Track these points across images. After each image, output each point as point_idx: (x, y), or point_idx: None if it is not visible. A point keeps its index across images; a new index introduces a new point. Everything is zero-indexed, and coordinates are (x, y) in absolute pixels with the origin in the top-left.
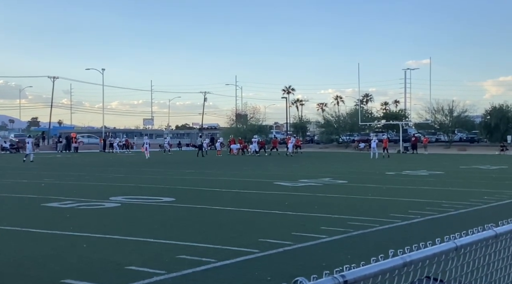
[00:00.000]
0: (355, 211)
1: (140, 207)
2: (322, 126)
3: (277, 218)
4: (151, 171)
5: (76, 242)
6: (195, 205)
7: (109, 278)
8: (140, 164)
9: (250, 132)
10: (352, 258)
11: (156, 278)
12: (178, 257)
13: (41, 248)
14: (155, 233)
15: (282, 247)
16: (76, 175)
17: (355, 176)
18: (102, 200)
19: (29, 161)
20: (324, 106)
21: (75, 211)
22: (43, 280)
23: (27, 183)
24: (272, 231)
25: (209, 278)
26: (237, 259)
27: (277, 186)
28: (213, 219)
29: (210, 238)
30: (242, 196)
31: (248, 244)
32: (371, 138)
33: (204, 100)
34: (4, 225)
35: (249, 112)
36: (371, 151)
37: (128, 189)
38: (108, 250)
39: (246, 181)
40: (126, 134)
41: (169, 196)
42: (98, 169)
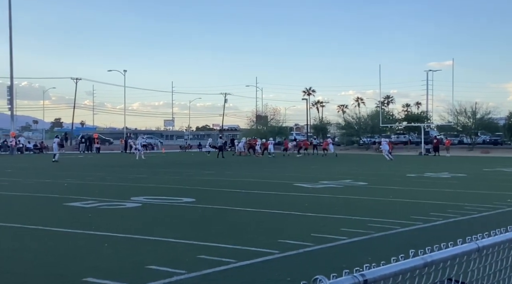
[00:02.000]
0: (375, 213)
1: (161, 207)
2: (343, 127)
3: (297, 219)
4: (171, 172)
5: (98, 241)
6: (215, 205)
7: (130, 277)
8: (160, 165)
9: (270, 134)
10: (373, 259)
11: (176, 277)
12: (198, 257)
13: (64, 246)
14: (176, 233)
15: (302, 248)
16: (98, 176)
17: (375, 178)
18: (123, 200)
19: (52, 161)
20: (344, 108)
21: (97, 210)
22: (65, 278)
23: (50, 183)
24: (291, 232)
25: (228, 278)
26: (257, 260)
27: (297, 187)
28: (233, 220)
29: (230, 238)
30: (262, 197)
31: (267, 244)
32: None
33: (225, 102)
34: (28, 224)
35: (270, 114)
36: (384, 153)
37: (149, 190)
38: (129, 249)
39: (266, 182)
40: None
41: (189, 196)
42: (120, 170)
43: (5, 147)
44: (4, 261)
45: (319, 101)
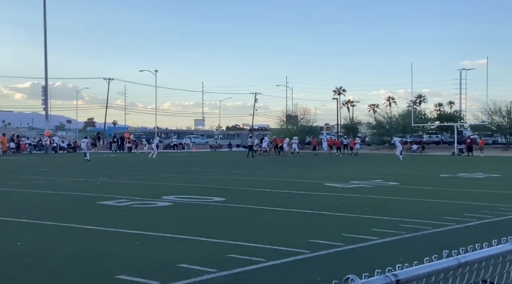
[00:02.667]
0: (407, 213)
1: (192, 207)
2: (374, 127)
3: (327, 219)
4: (202, 171)
5: (130, 240)
6: (245, 205)
7: (162, 275)
8: (191, 164)
9: (300, 133)
10: (404, 260)
11: (207, 276)
12: (229, 256)
13: (97, 244)
14: (206, 232)
15: (332, 248)
16: (130, 175)
17: (407, 178)
18: (155, 199)
19: (84, 160)
20: (375, 107)
21: (129, 209)
22: (98, 275)
23: (84, 182)
24: (322, 232)
25: (259, 278)
26: (287, 259)
27: (327, 187)
28: (263, 219)
29: (260, 238)
30: (292, 197)
31: (298, 244)
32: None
33: (255, 101)
34: (62, 222)
35: (300, 113)
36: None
37: (180, 189)
38: (161, 248)
39: (296, 182)
40: (178, 134)
41: (220, 196)
42: (151, 169)
43: (40, 146)
44: (39, 258)
45: (350, 100)
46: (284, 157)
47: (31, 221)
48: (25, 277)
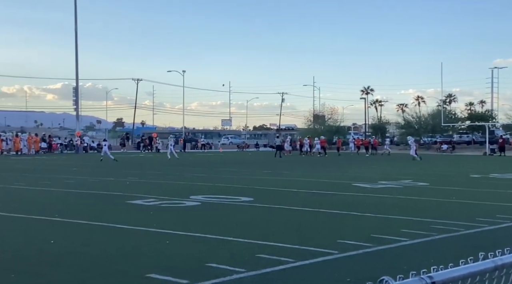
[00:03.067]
0: (437, 214)
1: (220, 206)
2: (402, 127)
3: (356, 219)
4: (229, 171)
5: (159, 239)
6: (273, 205)
7: (191, 274)
8: (218, 164)
9: (327, 133)
10: (435, 262)
11: (236, 275)
12: (257, 256)
13: (127, 243)
14: (235, 232)
15: (361, 248)
16: (158, 174)
17: (437, 178)
18: (183, 199)
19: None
20: (404, 107)
21: (157, 208)
22: (129, 274)
23: (113, 181)
24: (351, 233)
25: (288, 278)
26: (316, 260)
27: (355, 187)
28: (291, 219)
29: (288, 238)
30: (320, 197)
31: (326, 244)
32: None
33: (282, 101)
34: (93, 220)
35: (327, 113)
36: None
37: (208, 188)
38: (190, 247)
39: (324, 182)
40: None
41: (248, 195)
42: (179, 169)
43: (71, 146)
44: (71, 256)
45: (378, 100)
46: (310, 157)
47: (63, 220)
48: (58, 275)
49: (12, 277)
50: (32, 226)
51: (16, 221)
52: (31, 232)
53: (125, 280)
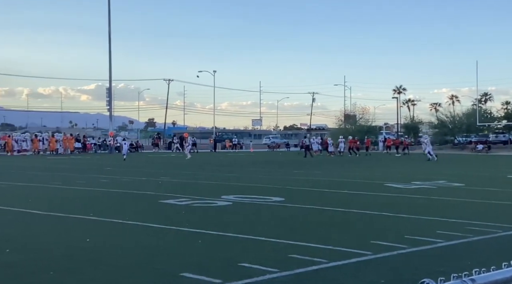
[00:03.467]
0: (474, 216)
1: (251, 206)
2: (436, 126)
3: (389, 220)
4: (260, 171)
5: (192, 238)
6: (304, 205)
7: (224, 274)
8: (249, 164)
9: (359, 133)
10: (473, 264)
11: (269, 276)
12: (290, 256)
13: (160, 242)
14: (266, 232)
15: (395, 250)
16: (189, 174)
17: (472, 179)
18: (215, 198)
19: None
20: (437, 106)
21: (189, 208)
22: (163, 273)
23: (146, 181)
24: (384, 233)
25: (321, 278)
26: (349, 261)
27: (388, 187)
28: (324, 220)
29: (321, 238)
30: (352, 197)
31: (359, 245)
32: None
33: (312, 101)
34: (127, 219)
35: (358, 113)
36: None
37: (239, 188)
38: (222, 246)
39: (355, 182)
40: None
41: (279, 195)
42: (209, 168)
43: (104, 146)
44: (107, 254)
45: (410, 99)
46: (340, 157)
47: (98, 219)
48: (95, 272)
49: (51, 274)
50: (68, 224)
51: (53, 219)
52: (68, 230)
53: (160, 279)
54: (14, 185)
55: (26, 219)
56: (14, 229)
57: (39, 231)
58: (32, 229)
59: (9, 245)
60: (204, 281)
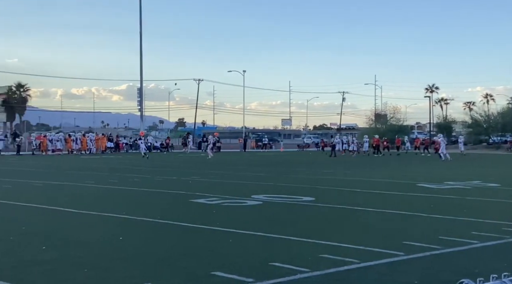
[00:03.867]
0: (510, 217)
1: (281, 206)
2: (470, 126)
3: (422, 220)
4: (290, 171)
5: (223, 237)
6: (335, 205)
7: (255, 273)
8: (279, 164)
9: (390, 133)
10: (509, 266)
11: (300, 275)
12: (321, 256)
13: (191, 241)
14: (297, 232)
15: (428, 251)
16: (219, 173)
17: (509, 179)
18: (245, 198)
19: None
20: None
21: (220, 207)
22: (195, 271)
23: (176, 180)
24: (417, 234)
25: (352, 279)
26: (381, 261)
27: (420, 188)
28: (355, 220)
29: (352, 238)
30: (383, 197)
31: (392, 246)
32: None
33: (343, 100)
34: (158, 218)
35: (389, 112)
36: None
37: (269, 188)
38: (253, 246)
39: (386, 182)
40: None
41: (309, 195)
42: (239, 168)
43: (135, 145)
44: (139, 252)
45: (443, 98)
46: (368, 157)
47: (130, 217)
48: (127, 270)
49: (85, 271)
50: (101, 222)
51: (86, 217)
52: (101, 228)
53: (191, 277)
54: (49, 183)
55: (60, 217)
56: (49, 227)
57: (73, 229)
58: (66, 227)
59: (45, 242)
60: (235, 280)
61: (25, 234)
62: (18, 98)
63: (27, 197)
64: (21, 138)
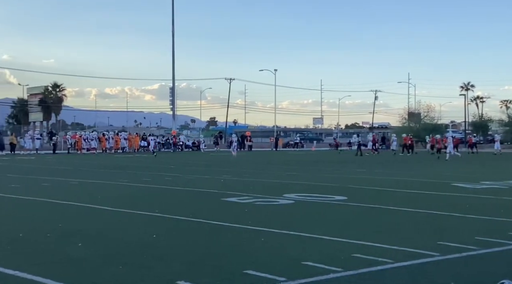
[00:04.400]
0: None
1: (313, 205)
2: (507, 124)
3: (457, 221)
4: (322, 170)
5: (255, 236)
6: (368, 204)
7: (287, 272)
8: (311, 163)
9: (423, 132)
10: None
11: (332, 275)
12: (354, 255)
13: (223, 239)
14: (329, 231)
15: (464, 251)
16: (251, 172)
17: None
18: (277, 197)
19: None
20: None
21: (252, 206)
22: (227, 269)
23: (208, 179)
24: (452, 234)
25: (386, 279)
26: (415, 261)
27: (455, 187)
28: (388, 219)
29: (385, 238)
30: (417, 197)
31: (426, 246)
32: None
33: (375, 99)
34: (191, 217)
35: (423, 111)
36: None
37: (300, 187)
38: (285, 245)
39: (420, 181)
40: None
41: (341, 194)
42: (271, 167)
43: (167, 144)
44: (172, 250)
45: (479, 96)
46: (401, 156)
47: (163, 215)
48: (160, 267)
49: (120, 268)
50: (135, 220)
51: (121, 215)
52: (135, 226)
53: (224, 275)
54: (84, 182)
55: (95, 215)
56: (85, 225)
57: (108, 226)
58: (101, 224)
59: (80, 239)
60: (267, 279)
61: (62, 231)
62: (54, 98)
63: (63, 195)
64: (57, 137)
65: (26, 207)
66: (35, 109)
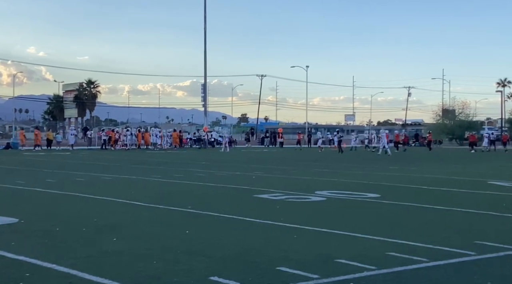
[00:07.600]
0: None
1: (345, 202)
2: None
3: (494, 219)
4: (353, 167)
5: (287, 233)
6: (401, 202)
7: (320, 269)
8: (342, 159)
9: (458, 128)
10: None
11: (367, 273)
12: (388, 254)
13: (256, 236)
14: (362, 228)
15: (502, 251)
16: (282, 169)
17: None
18: (308, 194)
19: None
20: None
21: (284, 203)
22: (260, 266)
23: (240, 175)
24: (489, 234)
25: (421, 278)
26: (451, 261)
27: (492, 185)
28: (422, 218)
29: (420, 236)
30: (452, 195)
31: (462, 245)
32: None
33: (408, 95)
34: (223, 213)
35: (458, 107)
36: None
37: (332, 184)
38: (317, 242)
39: (455, 179)
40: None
41: (374, 192)
42: (303, 163)
43: (199, 141)
44: (205, 246)
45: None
46: (429, 153)
47: (196, 211)
48: (193, 263)
49: (154, 263)
50: (168, 216)
51: (153, 211)
52: (168, 222)
53: (256, 272)
54: (118, 177)
55: (130, 210)
56: (119, 220)
57: (141, 221)
58: (135, 219)
59: (115, 234)
60: (300, 276)
61: (97, 226)
62: (89, 94)
63: (97, 190)
64: (91, 133)
65: (62, 202)
66: (70, 106)
